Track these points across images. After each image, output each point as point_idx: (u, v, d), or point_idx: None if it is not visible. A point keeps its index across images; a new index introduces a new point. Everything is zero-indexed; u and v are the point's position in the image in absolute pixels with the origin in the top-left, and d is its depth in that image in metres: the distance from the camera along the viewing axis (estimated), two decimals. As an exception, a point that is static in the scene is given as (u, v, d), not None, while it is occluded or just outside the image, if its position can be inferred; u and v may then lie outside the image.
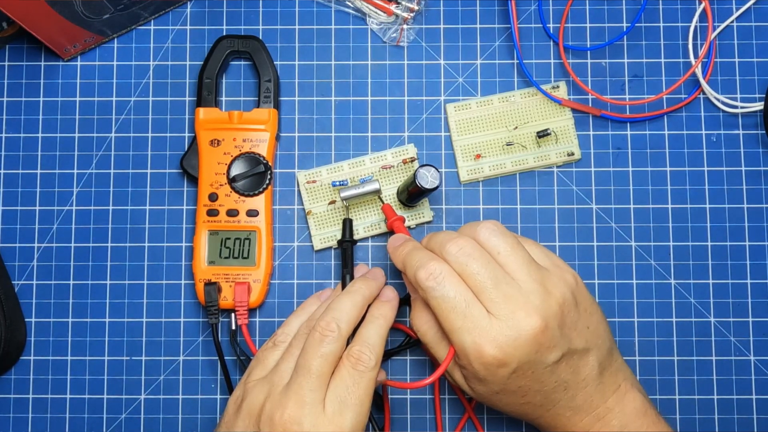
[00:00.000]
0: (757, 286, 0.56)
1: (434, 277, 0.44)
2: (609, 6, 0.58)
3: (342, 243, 0.53)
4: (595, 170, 0.57)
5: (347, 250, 0.53)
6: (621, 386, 0.48)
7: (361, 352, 0.45)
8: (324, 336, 0.45)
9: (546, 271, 0.46)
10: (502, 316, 0.43)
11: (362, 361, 0.45)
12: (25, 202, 0.57)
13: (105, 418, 0.55)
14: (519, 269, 0.44)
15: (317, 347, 0.45)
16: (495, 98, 0.57)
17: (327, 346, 0.45)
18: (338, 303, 0.47)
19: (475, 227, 0.46)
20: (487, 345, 0.43)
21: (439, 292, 0.44)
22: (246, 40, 0.56)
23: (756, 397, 0.55)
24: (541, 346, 0.43)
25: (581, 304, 0.46)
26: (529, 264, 0.45)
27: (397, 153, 0.56)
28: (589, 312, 0.47)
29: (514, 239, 0.46)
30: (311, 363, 0.44)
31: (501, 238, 0.46)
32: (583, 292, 0.47)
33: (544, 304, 0.44)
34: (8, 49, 0.58)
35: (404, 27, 0.57)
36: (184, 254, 0.56)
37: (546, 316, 0.43)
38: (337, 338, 0.45)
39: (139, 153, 0.57)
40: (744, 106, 0.57)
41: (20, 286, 0.56)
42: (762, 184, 0.57)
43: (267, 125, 0.55)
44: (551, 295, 0.44)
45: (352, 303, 0.47)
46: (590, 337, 0.46)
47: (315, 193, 0.56)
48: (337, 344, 0.45)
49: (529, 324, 0.43)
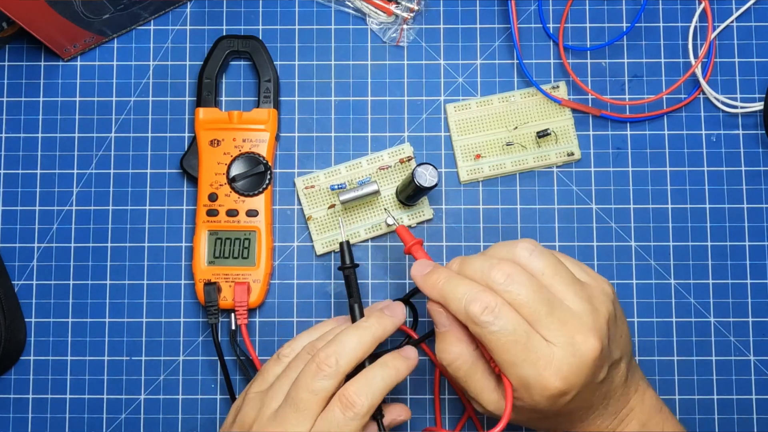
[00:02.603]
0: (757, 286, 0.56)
1: (490, 311, 0.41)
2: (609, 6, 0.58)
3: (344, 270, 0.49)
4: (595, 170, 0.57)
5: (350, 277, 0.49)
6: (640, 386, 0.47)
7: (356, 396, 0.43)
8: (320, 369, 0.43)
9: (588, 286, 0.44)
10: (561, 343, 0.41)
11: (354, 406, 0.42)
12: (25, 202, 0.57)
13: (105, 418, 0.55)
14: (566, 289, 0.42)
15: (310, 380, 0.43)
16: (495, 98, 0.57)
17: (320, 381, 0.43)
18: (344, 336, 0.45)
19: (513, 249, 0.44)
20: (551, 377, 0.41)
21: (497, 326, 0.41)
22: (246, 40, 0.56)
23: (756, 397, 0.55)
24: (598, 367, 0.42)
25: (617, 313, 0.45)
26: (574, 282, 0.43)
27: (394, 153, 0.56)
28: (621, 321, 0.46)
29: (554, 257, 0.44)
30: (301, 396, 0.43)
31: (542, 258, 0.43)
32: (617, 303, 0.46)
33: (596, 324, 0.42)
34: (8, 49, 0.58)
35: (404, 27, 0.57)
36: (184, 254, 0.56)
37: (600, 335, 0.42)
38: (333, 375, 0.43)
39: (139, 153, 0.57)
40: (744, 106, 0.57)
41: (20, 286, 0.56)
42: (762, 184, 0.57)
43: (267, 125, 0.55)
44: (599, 313, 0.43)
45: (359, 341, 0.44)
46: (622, 345, 0.45)
47: (314, 198, 0.56)
48: (331, 381, 0.43)
49: (588, 348, 0.41)
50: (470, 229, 0.56)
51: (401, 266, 0.56)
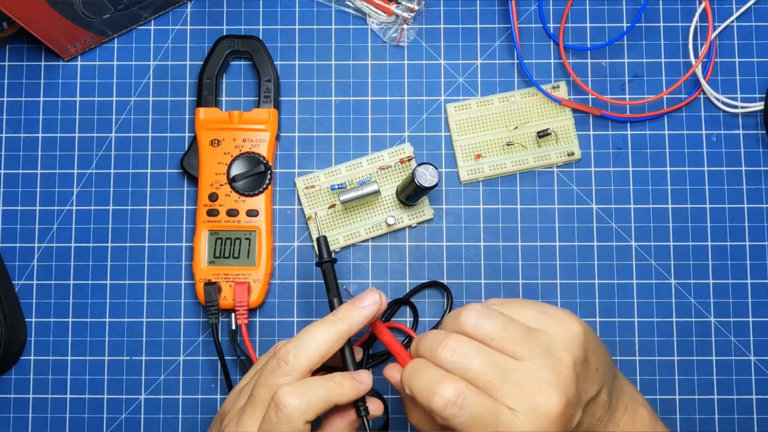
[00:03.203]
0: (757, 286, 0.56)
1: (453, 404, 0.39)
2: (609, 6, 0.58)
3: (321, 264, 0.48)
4: (595, 170, 0.57)
5: (327, 272, 0.47)
6: (628, 406, 0.46)
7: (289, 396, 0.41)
8: (278, 366, 0.42)
9: (545, 335, 0.41)
10: (523, 409, 0.39)
11: (282, 408, 0.41)
12: (25, 202, 0.57)
13: (105, 418, 0.55)
14: (519, 349, 0.40)
15: (268, 376, 0.42)
16: (495, 98, 0.57)
17: (275, 377, 0.42)
18: (306, 331, 0.43)
19: (458, 318, 0.42)
20: None
21: (463, 416, 0.39)
22: (246, 40, 0.56)
23: (756, 397, 0.55)
24: (567, 419, 0.40)
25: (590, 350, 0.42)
26: (527, 337, 0.41)
27: (394, 153, 0.56)
28: (597, 353, 0.43)
29: (502, 317, 0.41)
30: (258, 391, 0.42)
31: (489, 320, 0.41)
32: (590, 337, 0.43)
33: (558, 377, 0.40)
34: (8, 49, 0.58)
35: (404, 27, 0.57)
36: (184, 254, 0.56)
37: (564, 387, 0.40)
38: (290, 371, 0.42)
39: (139, 153, 0.57)
40: (744, 106, 0.57)
41: (20, 286, 0.56)
42: (762, 184, 0.57)
43: (267, 125, 0.55)
44: (562, 362, 0.40)
45: (322, 338, 0.43)
46: (600, 377, 0.43)
47: (314, 198, 0.56)
48: (288, 378, 0.42)
49: (552, 406, 0.39)
50: (470, 229, 0.56)
51: (401, 266, 0.56)
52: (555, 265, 0.56)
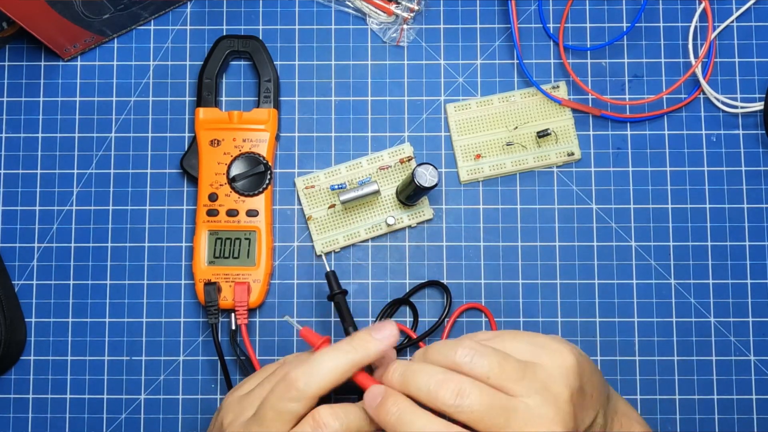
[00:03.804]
0: (757, 286, 0.56)
1: None
2: (609, 6, 0.58)
3: (332, 297, 0.51)
4: (595, 170, 0.57)
5: (340, 303, 0.50)
6: (623, 424, 0.45)
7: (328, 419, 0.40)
8: (287, 391, 0.41)
9: (541, 369, 0.40)
10: None
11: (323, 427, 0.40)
12: (25, 202, 0.57)
13: (105, 418, 0.55)
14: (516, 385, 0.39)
15: (277, 400, 0.41)
16: (495, 98, 0.57)
17: (286, 403, 0.41)
18: (319, 358, 0.42)
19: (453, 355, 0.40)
20: None
21: None
22: (246, 40, 0.56)
23: (756, 397, 0.55)
24: None
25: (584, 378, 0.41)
26: (524, 372, 0.39)
27: (394, 153, 0.56)
28: (592, 379, 0.42)
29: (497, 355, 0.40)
30: (266, 414, 0.41)
31: (485, 358, 0.40)
32: (583, 363, 0.42)
33: (558, 412, 0.39)
34: (8, 49, 0.58)
35: (404, 27, 0.57)
36: (184, 254, 0.56)
37: (564, 422, 0.39)
38: (300, 398, 0.41)
39: (139, 153, 0.57)
40: (744, 106, 0.57)
41: (20, 286, 0.56)
42: (762, 184, 0.57)
43: (267, 125, 0.55)
44: (559, 397, 0.39)
45: (335, 365, 0.41)
46: (595, 402, 0.42)
47: (314, 198, 0.56)
48: (297, 404, 0.41)
49: None
50: (470, 229, 0.56)
51: (401, 266, 0.56)
52: (555, 265, 0.56)
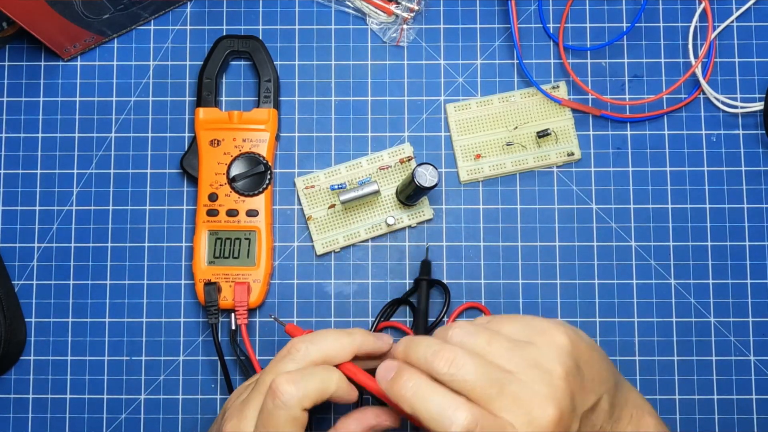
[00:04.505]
0: (757, 286, 0.56)
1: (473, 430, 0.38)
2: (609, 6, 0.58)
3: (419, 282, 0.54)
4: (595, 170, 0.57)
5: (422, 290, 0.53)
6: (633, 415, 0.45)
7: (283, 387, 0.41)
8: (288, 354, 0.43)
9: (534, 347, 0.41)
10: (520, 422, 0.38)
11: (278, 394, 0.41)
12: (25, 202, 0.57)
13: (105, 418, 0.55)
14: (507, 362, 0.40)
15: (276, 363, 0.43)
16: (495, 98, 0.57)
17: (284, 364, 0.43)
18: (322, 333, 0.45)
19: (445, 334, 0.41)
20: None
21: None
22: (246, 40, 0.56)
23: (756, 397, 0.55)
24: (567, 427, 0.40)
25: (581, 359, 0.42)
26: (513, 350, 0.40)
27: (394, 153, 0.56)
28: (591, 362, 0.42)
29: (488, 332, 0.41)
30: (264, 378, 0.43)
31: (474, 336, 0.41)
32: (579, 346, 0.42)
33: (551, 388, 0.39)
34: (8, 49, 0.58)
35: (404, 27, 0.57)
36: (184, 254, 0.56)
37: (558, 399, 0.39)
38: (299, 359, 0.42)
39: (139, 153, 0.57)
40: (744, 106, 0.57)
41: (20, 286, 0.56)
42: (762, 184, 0.57)
43: (267, 125, 0.55)
44: (553, 373, 0.40)
45: (336, 339, 0.44)
46: (597, 387, 0.42)
47: (314, 198, 0.56)
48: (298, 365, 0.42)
49: (547, 419, 0.38)
50: (470, 229, 0.56)
51: (401, 266, 0.56)
52: (555, 265, 0.56)
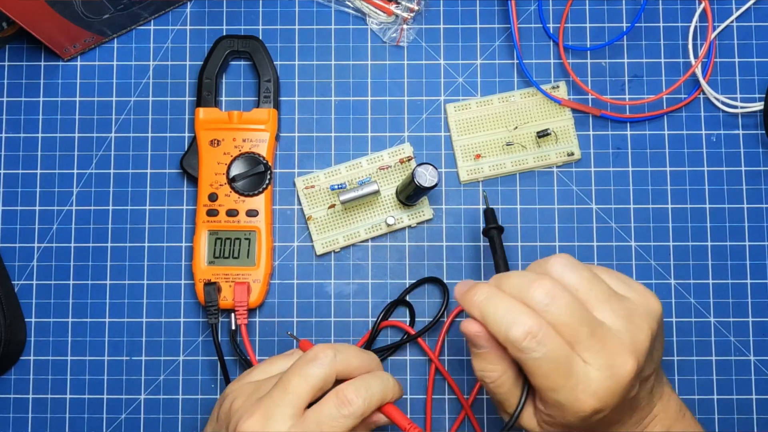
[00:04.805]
0: (757, 286, 0.56)
1: (533, 337, 0.39)
2: (609, 6, 0.58)
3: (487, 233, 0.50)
4: (595, 170, 0.57)
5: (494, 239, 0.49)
6: (665, 392, 0.46)
7: (355, 395, 0.42)
8: (316, 358, 0.43)
9: (629, 301, 0.42)
10: (600, 365, 0.39)
11: (351, 404, 0.42)
12: (25, 202, 0.57)
13: (105, 418, 0.55)
14: (601, 306, 0.41)
15: (303, 366, 0.43)
16: (495, 98, 0.57)
17: (314, 368, 0.43)
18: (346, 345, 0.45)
19: (546, 265, 0.42)
20: (588, 399, 0.39)
21: (539, 353, 0.39)
22: (246, 40, 0.56)
23: (756, 397, 0.55)
24: (632, 387, 0.41)
25: (661, 330, 0.43)
26: (611, 299, 0.41)
27: (394, 153, 0.56)
28: (660, 337, 0.44)
29: (589, 271, 0.42)
30: (291, 379, 0.43)
31: (575, 272, 0.41)
32: (662, 319, 0.43)
33: (635, 343, 0.40)
34: (8, 49, 0.58)
35: (404, 27, 0.57)
36: (184, 254, 0.56)
37: (638, 355, 0.40)
38: (327, 364, 0.43)
39: (139, 153, 0.57)
40: (744, 106, 0.57)
41: (20, 286, 0.56)
42: (762, 184, 0.57)
43: (267, 125, 0.55)
44: (640, 330, 0.41)
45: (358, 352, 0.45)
46: (657, 360, 0.44)
47: (314, 198, 0.56)
48: (325, 370, 0.43)
49: (626, 370, 0.40)
50: (470, 229, 0.56)
51: (401, 266, 0.56)
52: (555, 265, 0.56)
